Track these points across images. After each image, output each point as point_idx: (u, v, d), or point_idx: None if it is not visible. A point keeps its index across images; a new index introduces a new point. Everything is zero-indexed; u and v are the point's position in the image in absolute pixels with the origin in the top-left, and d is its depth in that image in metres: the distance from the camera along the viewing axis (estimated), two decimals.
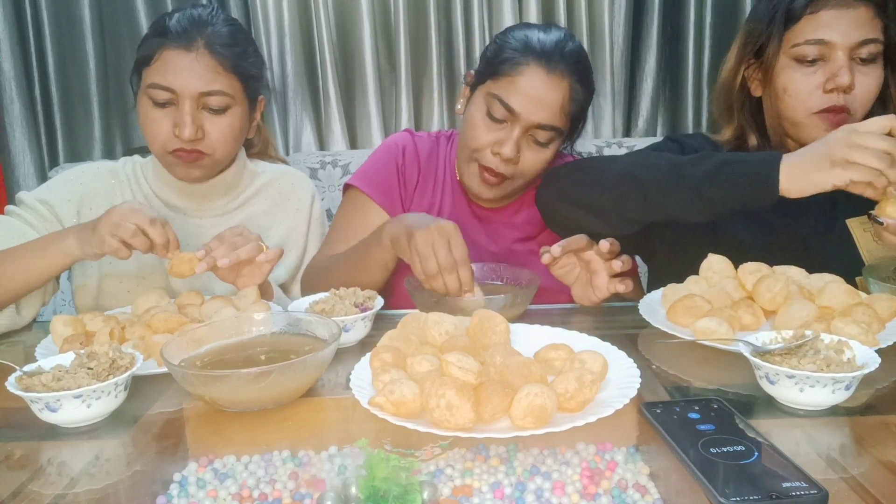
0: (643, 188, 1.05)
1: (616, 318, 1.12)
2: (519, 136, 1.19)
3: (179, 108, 1.18)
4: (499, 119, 1.20)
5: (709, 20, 1.82)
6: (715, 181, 0.99)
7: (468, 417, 0.66)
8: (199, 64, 1.18)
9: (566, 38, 1.21)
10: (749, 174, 0.97)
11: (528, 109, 1.17)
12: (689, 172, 1.02)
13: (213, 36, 1.20)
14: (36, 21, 1.80)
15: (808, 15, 1.12)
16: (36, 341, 0.99)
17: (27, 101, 1.84)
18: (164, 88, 1.17)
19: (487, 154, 1.22)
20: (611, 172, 1.11)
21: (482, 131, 1.22)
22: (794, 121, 1.17)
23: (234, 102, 1.22)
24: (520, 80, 1.17)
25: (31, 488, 0.65)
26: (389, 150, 1.39)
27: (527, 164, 1.23)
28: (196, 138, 1.19)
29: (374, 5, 1.79)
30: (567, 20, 1.79)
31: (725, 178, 0.98)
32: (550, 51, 1.18)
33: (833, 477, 0.61)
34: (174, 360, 0.80)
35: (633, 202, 1.07)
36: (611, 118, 1.86)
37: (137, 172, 1.32)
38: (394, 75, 1.85)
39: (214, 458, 0.68)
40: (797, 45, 1.13)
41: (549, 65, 1.17)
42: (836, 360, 0.74)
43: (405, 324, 0.89)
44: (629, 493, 0.59)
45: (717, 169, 1.00)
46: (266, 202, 1.37)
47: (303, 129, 1.87)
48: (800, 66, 1.14)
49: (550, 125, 1.19)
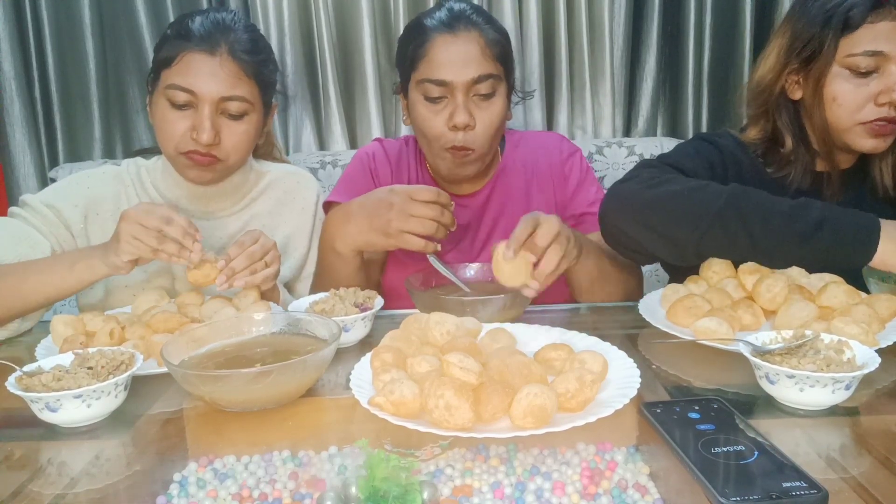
0: (732, 233, 0.99)
1: (616, 318, 1.12)
2: (463, 100, 1.22)
3: (198, 111, 1.17)
4: (437, 97, 1.23)
5: (709, 20, 1.82)
6: (808, 244, 0.95)
7: (467, 417, 0.66)
8: (223, 69, 1.17)
9: (454, 3, 1.28)
10: (845, 244, 0.94)
11: (455, 72, 1.21)
12: (783, 227, 0.96)
13: (236, 42, 1.19)
14: (36, 21, 1.80)
15: (867, 24, 1.08)
16: (36, 341, 0.99)
17: (27, 101, 1.84)
18: (185, 90, 1.16)
19: (447, 134, 1.24)
20: (698, 206, 1.03)
21: (430, 117, 1.25)
22: (838, 129, 1.15)
23: (252, 109, 1.22)
24: (434, 52, 1.22)
25: (31, 488, 0.65)
26: (362, 160, 1.43)
27: (485, 122, 1.24)
28: (213, 143, 1.18)
29: (374, 5, 1.79)
30: (567, 20, 1.79)
31: (820, 241, 0.95)
32: (446, 17, 1.25)
33: (833, 477, 0.61)
34: (174, 360, 0.80)
35: (717, 242, 1.02)
36: (611, 118, 1.86)
37: (142, 175, 1.31)
38: (394, 75, 1.85)
39: (214, 458, 0.68)
40: (853, 56, 1.09)
41: (451, 27, 1.23)
42: (836, 360, 0.74)
43: (407, 324, 0.89)
44: (629, 493, 0.59)
45: (814, 230, 0.95)
46: (271, 202, 1.37)
47: (303, 129, 1.87)
48: (853, 76, 1.10)
49: (484, 74, 1.22)
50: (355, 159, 1.45)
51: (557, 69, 1.82)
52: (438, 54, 1.22)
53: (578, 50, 1.81)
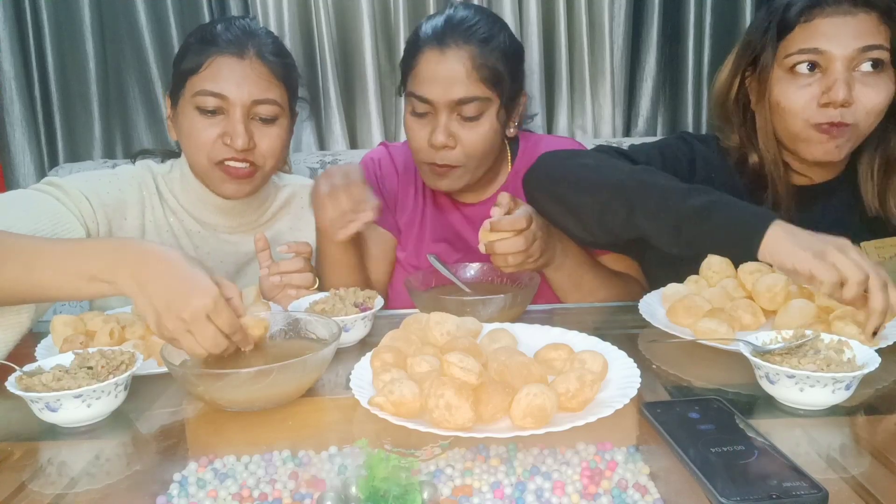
0: (629, 205, 1.00)
1: (616, 318, 1.12)
2: (445, 120, 1.19)
3: (230, 116, 1.15)
4: (422, 113, 1.21)
5: (709, 20, 1.81)
6: (698, 222, 0.93)
7: (467, 417, 0.66)
8: (253, 71, 1.15)
9: (457, 11, 1.22)
10: (733, 227, 0.91)
11: (437, 92, 1.17)
12: (677, 205, 0.95)
13: (264, 45, 1.18)
14: (36, 21, 1.80)
15: (801, 23, 1.06)
16: (36, 341, 0.99)
17: (27, 101, 1.84)
18: (215, 95, 1.14)
19: (427, 150, 1.22)
20: (601, 178, 1.05)
21: (415, 131, 1.23)
22: (790, 135, 1.11)
23: (282, 113, 1.20)
24: (420, 67, 1.19)
25: (31, 488, 0.65)
26: (367, 166, 1.40)
27: (468, 143, 1.21)
28: (248, 148, 1.15)
29: (374, 5, 1.79)
30: (567, 20, 1.79)
31: (709, 222, 0.93)
32: (440, 29, 1.19)
33: (833, 477, 0.61)
34: (174, 360, 0.80)
35: (616, 215, 1.02)
36: (611, 118, 1.86)
37: (160, 185, 1.26)
38: (394, 75, 1.85)
39: (214, 458, 0.68)
40: (790, 55, 1.07)
41: (441, 42, 1.18)
42: (836, 360, 0.74)
43: (407, 324, 0.89)
44: (629, 493, 0.59)
45: (705, 210, 0.93)
46: (290, 216, 1.36)
47: (303, 129, 1.87)
48: (794, 78, 1.07)
49: (468, 97, 1.17)
50: (360, 165, 1.43)
51: (557, 69, 1.82)
52: (424, 70, 1.19)
53: (578, 50, 1.81)
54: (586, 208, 1.05)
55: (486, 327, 0.91)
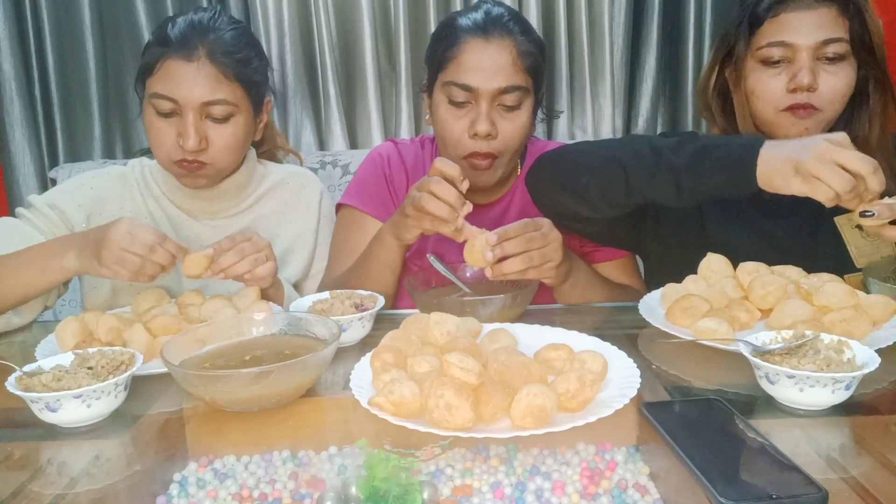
0: (625, 172, 1.06)
1: (616, 318, 1.12)
2: (487, 109, 1.20)
3: (182, 118, 1.17)
4: (462, 102, 1.21)
5: (709, 20, 1.82)
6: (693, 169, 1.00)
7: (467, 417, 0.66)
8: (201, 73, 1.16)
9: (492, 6, 1.26)
10: (727, 168, 0.98)
11: (483, 79, 1.19)
12: (670, 158, 1.02)
13: (215, 43, 1.18)
14: (36, 21, 1.80)
15: (770, 18, 1.15)
16: (36, 341, 0.99)
17: (27, 101, 1.84)
18: (167, 98, 1.16)
19: (467, 141, 1.22)
20: (596, 156, 1.12)
21: (452, 121, 1.23)
22: (764, 120, 1.19)
23: (237, 111, 1.21)
24: (464, 56, 1.20)
25: (31, 488, 0.65)
26: (375, 162, 1.40)
27: (507, 134, 1.22)
28: (199, 148, 1.18)
29: (374, 5, 1.79)
30: (567, 20, 1.79)
31: (704, 165, 0.99)
32: (481, 21, 1.22)
33: (833, 477, 0.61)
34: (174, 360, 0.80)
35: (616, 186, 1.08)
36: (611, 118, 1.86)
37: (146, 176, 1.32)
38: (394, 75, 1.85)
39: (214, 458, 0.68)
40: (761, 48, 1.15)
41: (485, 32, 1.20)
42: (836, 360, 0.74)
43: (407, 324, 0.89)
44: (629, 493, 0.59)
45: (697, 155, 1.00)
46: (276, 203, 1.37)
47: (303, 129, 1.87)
48: (765, 68, 1.16)
49: (512, 86, 1.19)
50: (368, 160, 1.42)
51: (557, 69, 1.82)
52: (468, 58, 1.20)
53: (578, 50, 1.82)
54: (591, 188, 1.11)
55: (486, 327, 0.91)
